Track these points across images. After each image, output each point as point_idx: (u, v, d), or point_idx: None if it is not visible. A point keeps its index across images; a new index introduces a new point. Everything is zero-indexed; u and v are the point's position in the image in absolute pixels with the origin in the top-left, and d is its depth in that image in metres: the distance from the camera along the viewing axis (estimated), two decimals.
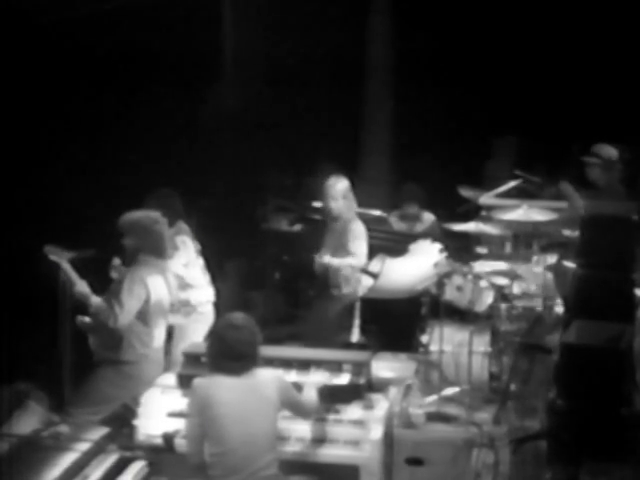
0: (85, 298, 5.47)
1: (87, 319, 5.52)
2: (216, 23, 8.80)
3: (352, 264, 6.79)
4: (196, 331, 6.31)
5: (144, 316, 5.49)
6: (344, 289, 6.81)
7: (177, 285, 6.07)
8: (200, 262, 6.50)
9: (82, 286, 5.49)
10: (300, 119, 8.64)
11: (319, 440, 4.87)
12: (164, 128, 7.84)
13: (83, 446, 4.26)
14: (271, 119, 8.63)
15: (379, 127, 9.52)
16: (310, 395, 4.80)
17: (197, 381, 4.50)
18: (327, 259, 6.75)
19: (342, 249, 6.76)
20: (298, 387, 4.82)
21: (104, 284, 5.65)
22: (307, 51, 8.70)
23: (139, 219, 5.54)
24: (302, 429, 4.87)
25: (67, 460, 4.20)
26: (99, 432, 4.44)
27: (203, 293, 6.48)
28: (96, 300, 5.45)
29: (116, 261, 5.74)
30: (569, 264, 6.51)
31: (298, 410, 4.73)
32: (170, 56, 7.90)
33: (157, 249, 5.57)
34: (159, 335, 5.65)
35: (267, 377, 4.56)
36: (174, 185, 6.48)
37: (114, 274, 5.71)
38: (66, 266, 5.48)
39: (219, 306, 6.52)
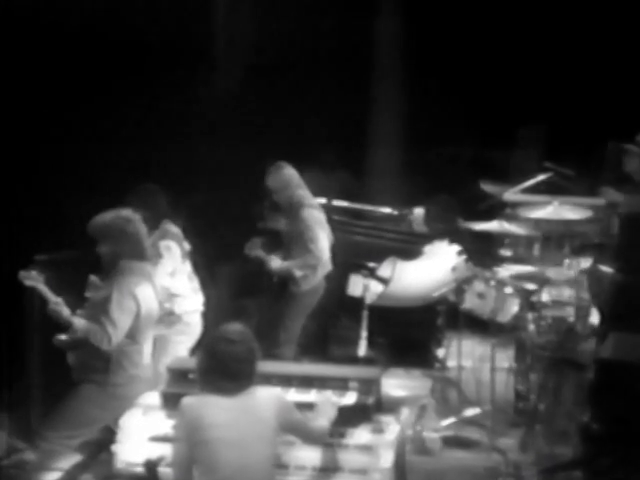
0: (67, 321, 5.39)
1: (64, 337, 5.44)
2: (212, 9, 8.82)
3: (307, 263, 6.88)
4: (180, 343, 6.30)
5: (135, 332, 5.44)
6: (294, 288, 6.92)
7: (161, 295, 6.01)
8: (187, 268, 6.47)
9: (60, 306, 5.40)
10: (302, 109, 8.63)
11: (322, 468, 4.82)
12: (149, 118, 7.82)
13: (52, 476, 4.17)
14: (270, 109, 8.62)
15: (389, 117, 9.52)
16: (319, 418, 4.73)
17: (186, 400, 4.45)
18: (276, 264, 6.91)
19: (298, 240, 6.88)
20: (300, 407, 4.74)
21: (81, 287, 5.59)
22: (311, 39, 8.72)
23: (110, 222, 5.47)
24: (303, 456, 4.82)
25: None
26: (71, 460, 4.36)
27: (189, 302, 6.44)
28: (80, 322, 5.37)
29: (93, 278, 5.66)
30: (606, 268, 6.46)
31: (302, 434, 4.68)
32: (158, 44, 7.93)
33: (137, 251, 5.51)
34: (148, 350, 5.61)
35: (265, 397, 4.51)
36: (159, 180, 6.44)
37: (90, 294, 5.61)
38: (43, 288, 5.44)
39: (209, 315, 6.48)
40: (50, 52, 7.48)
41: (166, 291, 6.22)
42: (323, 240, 6.93)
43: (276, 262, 6.94)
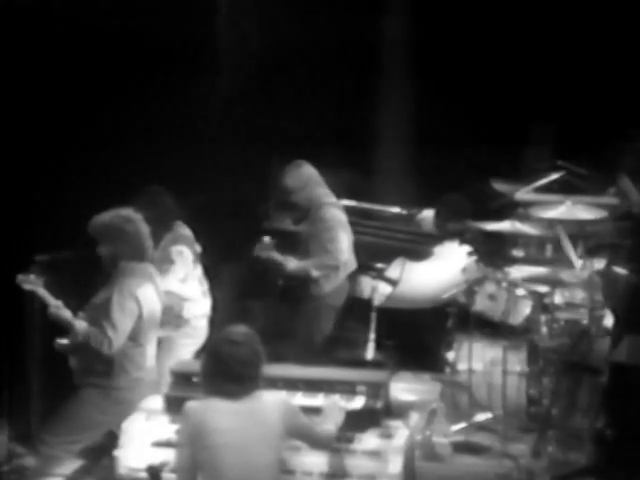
0: (68, 325, 5.39)
1: (65, 341, 5.45)
2: (216, 9, 8.84)
3: (325, 263, 6.79)
4: (185, 346, 6.30)
5: (137, 335, 5.44)
6: (315, 289, 6.83)
7: (172, 302, 6.02)
8: (198, 271, 6.48)
9: (61, 309, 5.40)
10: (308, 109, 8.63)
11: (329, 474, 4.82)
12: (151, 119, 7.84)
13: None
14: (276, 109, 8.63)
15: (398, 115, 9.50)
16: (326, 422, 4.73)
17: (189, 405, 4.44)
18: (292, 265, 6.80)
19: (317, 241, 6.79)
20: (307, 411, 4.74)
21: (84, 288, 5.59)
22: (317, 38, 8.74)
23: (109, 221, 5.48)
24: (310, 461, 4.82)
25: None
26: (72, 465, 4.36)
27: (198, 306, 6.45)
28: (81, 325, 5.37)
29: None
30: (620, 270, 6.44)
31: (308, 439, 4.67)
32: (159, 44, 7.94)
33: (137, 252, 5.51)
34: (151, 352, 5.61)
35: (270, 401, 4.50)
36: (161, 180, 6.45)
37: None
38: (43, 293, 5.45)
39: (214, 318, 6.49)
40: (49, 53, 7.50)
41: (177, 297, 6.24)
42: (343, 240, 6.81)
43: (293, 263, 6.82)
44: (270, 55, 8.83)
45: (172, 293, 6.15)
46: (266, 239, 6.92)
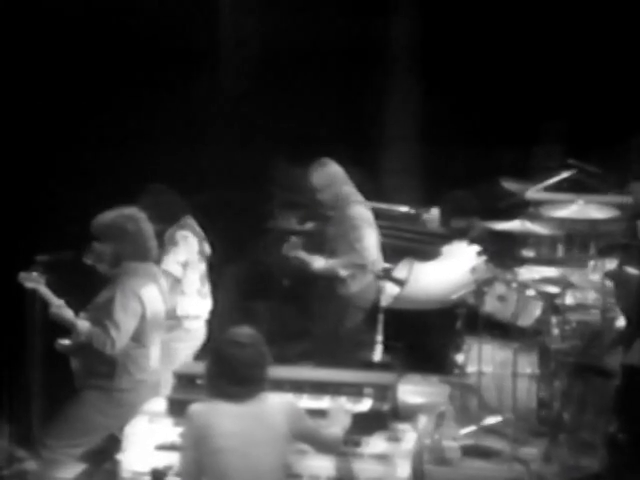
0: (70, 324, 5.38)
1: (67, 341, 5.43)
2: (220, 6, 8.85)
3: (353, 262, 6.77)
4: (180, 350, 6.25)
5: (140, 335, 5.43)
6: (342, 289, 6.81)
7: (168, 287, 6.00)
8: (202, 267, 6.44)
9: (63, 309, 5.38)
10: (315, 107, 8.63)
11: (337, 478, 4.81)
12: (154, 118, 7.84)
13: None
14: (283, 108, 8.63)
15: (405, 112, 9.49)
16: (332, 425, 4.72)
17: (194, 407, 4.44)
18: (319, 264, 6.77)
19: (344, 240, 6.77)
20: (313, 414, 4.73)
21: (84, 289, 5.57)
22: (324, 36, 8.76)
23: (111, 220, 5.47)
24: (317, 465, 4.81)
25: None
26: (74, 469, 4.35)
27: (194, 305, 6.40)
28: (84, 325, 5.36)
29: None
30: (632, 270, 6.43)
31: (314, 442, 4.67)
32: (160, 43, 7.95)
33: (139, 251, 5.50)
34: (155, 354, 5.58)
35: (276, 404, 4.49)
36: (162, 180, 6.46)
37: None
38: (45, 291, 5.44)
39: (217, 319, 6.46)
40: (50, 53, 7.52)
41: (175, 282, 6.19)
42: (370, 238, 6.81)
43: (320, 262, 6.79)
44: (274, 54, 8.83)
45: (167, 272, 6.11)
46: (294, 238, 6.91)
